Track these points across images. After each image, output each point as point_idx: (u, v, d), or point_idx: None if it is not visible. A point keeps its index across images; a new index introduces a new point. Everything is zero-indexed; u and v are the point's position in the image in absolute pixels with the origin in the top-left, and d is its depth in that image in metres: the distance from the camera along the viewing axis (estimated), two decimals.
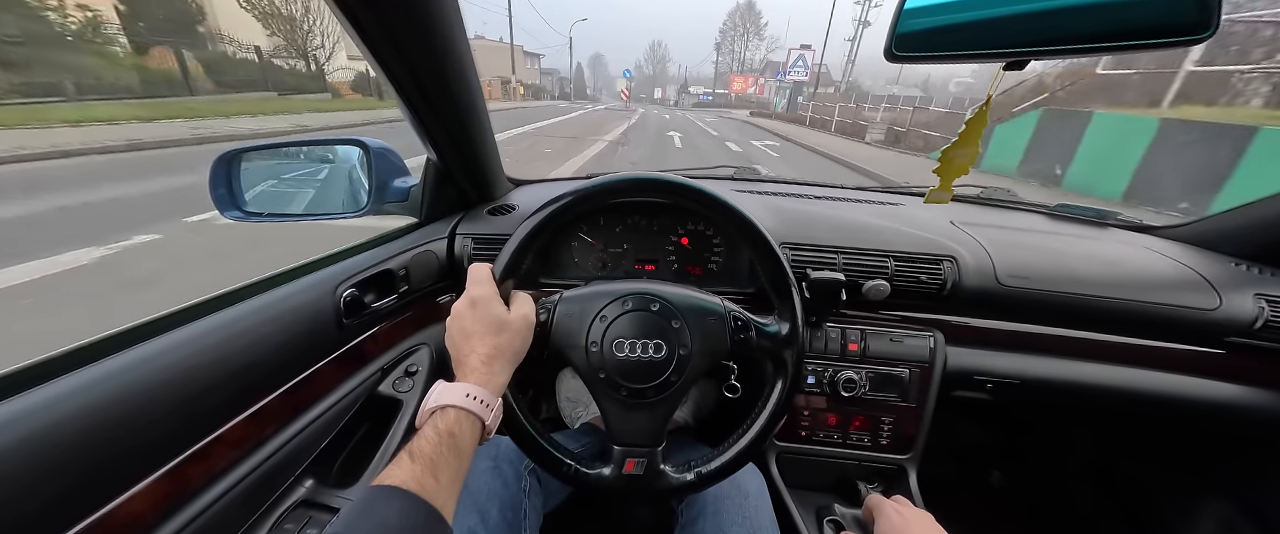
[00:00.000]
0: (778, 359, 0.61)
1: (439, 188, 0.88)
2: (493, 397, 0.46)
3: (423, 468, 0.38)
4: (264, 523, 0.57)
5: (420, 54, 0.57)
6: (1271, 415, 0.85)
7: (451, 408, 0.43)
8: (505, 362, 0.50)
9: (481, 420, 0.45)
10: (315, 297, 0.63)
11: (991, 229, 0.95)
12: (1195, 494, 1.05)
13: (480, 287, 0.52)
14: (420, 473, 0.38)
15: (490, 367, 0.48)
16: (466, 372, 0.48)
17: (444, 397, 0.44)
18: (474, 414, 0.44)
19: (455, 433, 0.42)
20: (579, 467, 0.57)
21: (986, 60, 0.53)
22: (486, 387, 0.46)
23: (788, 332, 0.60)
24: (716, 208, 0.59)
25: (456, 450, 0.41)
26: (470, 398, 0.44)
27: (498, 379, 0.48)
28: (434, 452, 0.40)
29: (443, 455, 0.40)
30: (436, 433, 0.41)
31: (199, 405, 0.48)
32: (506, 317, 0.51)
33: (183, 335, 0.49)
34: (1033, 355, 0.89)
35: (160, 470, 0.44)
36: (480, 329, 0.50)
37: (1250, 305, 0.79)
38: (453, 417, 0.43)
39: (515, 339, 0.51)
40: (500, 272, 0.55)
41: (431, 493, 0.37)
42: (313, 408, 0.63)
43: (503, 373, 0.49)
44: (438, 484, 0.38)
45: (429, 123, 0.70)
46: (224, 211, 0.72)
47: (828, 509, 0.84)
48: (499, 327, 0.50)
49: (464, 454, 0.42)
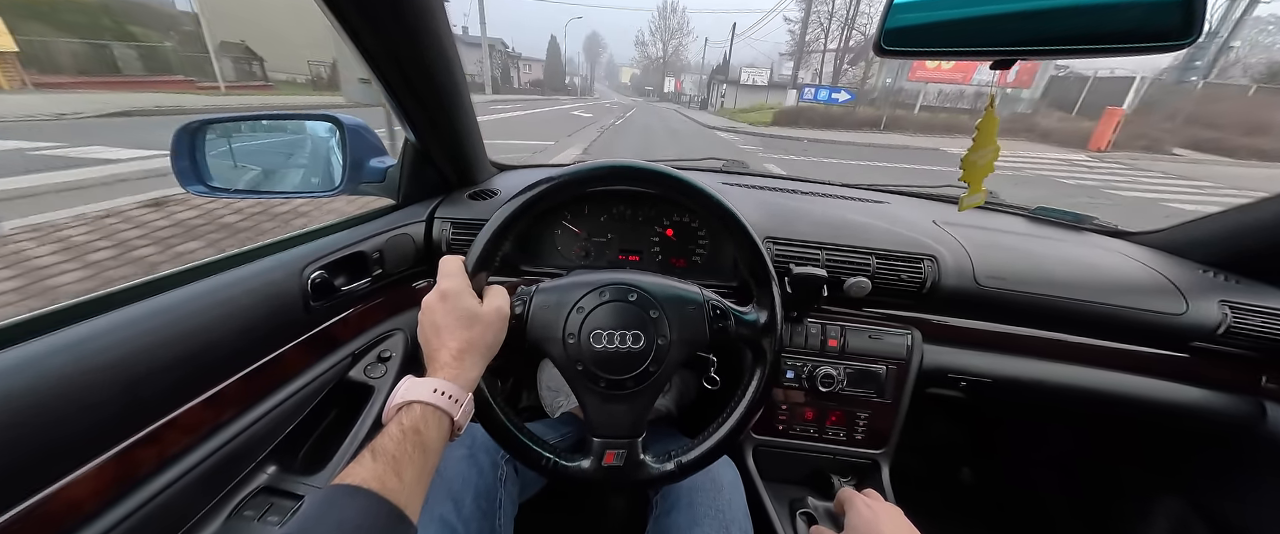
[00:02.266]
0: (756, 348, 0.61)
1: (418, 169, 0.85)
2: (462, 392, 0.45)
3: (385, 466, 0.37)
4: (221, 510, 0.55)
5: (396, 28, 0.54)
6: (1229, 418, 0.88)
7: (417, 403, 0.42)
8: (477, 356, 0.49)
9: (450, 416, 0.44)
10: (280, 277, 0.60)
11: (972, 230, 0.97)
12: (1155, 492, 1.09)
13: (451, 279, 0.51)
14: (382, 471, 0.37)
15: (461, 361, 0.47)
16: (437, 366, 0.46)
17: (411, 392, 0.43)
18: (441, 410, 0.43)
19: (421, 430, 0.41)
20: (558, 460, 0.56)
21: (974, 57, 0.53)
22: (456, 382, 0.45)
23: (766, 320, 0.60)
24: (694, 196, 0.58)
25: (422, 447, 0.40)
26: (438, 393, 0.43)
27: (469, 374, 0.47)
28: (397, 449, 0.39)
29: (407, 452, 0.39)
30: (401, 430, 0.40)
31: (149, 387, 0.46)
32: (479, 310, 0.50)
33: (131, 314, 0.47)
34: (1006, 355, 0.91)
35: (104, 455, 0.42)
36: (451, 323, 0.48)
37: (1215, 311, 0.82)
38: (418, 413, 0.42)
39: (488, 333, 0.50)
40: (472, 264, 0.53)
41: (393, 492, 0.36)
42: (277, 392, 0.61)
43: (474, 368, 0.48)
44: (401, 483, 0.37)
45: (406, 101, 0.67)
46: (186, 185, 0.68)
47: (801, 502, 0.85)
48: (470, 320, 0.49)
49: (430, 451, 0.41)
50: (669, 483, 0.59)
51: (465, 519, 0.60)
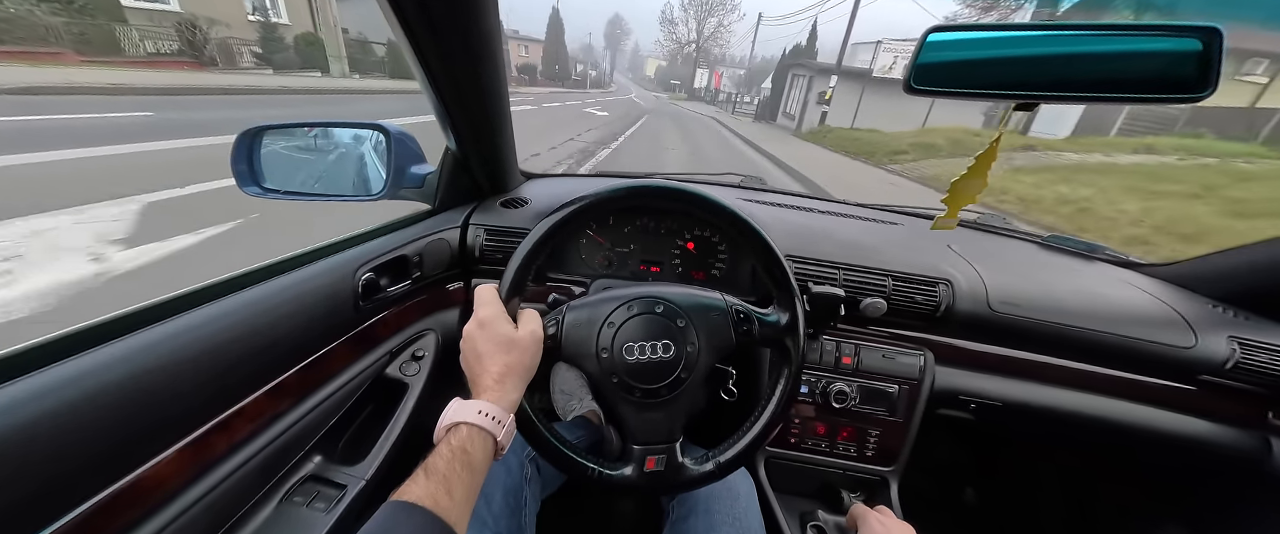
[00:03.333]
0: (782, 347, 0.63)
1: (455, 177, 0.89)
2: (505, 413, 0.48)
3: (437, 485, 0.40)
4: (276, 493, 0.59)
5: (459, 47, 0.58)
6: (1235, 452, 0.90)
7: (464, 424, 0.45)
8: (517, 379, 0.51)
9: (494, 436, 0.46)
10: (336, 278, 0.64)
11: (985, 255, 0.99)
12: (1158, 522, 1.10)
13: (488, 307, 0.53)
14: (435, 489, 0.39)
15: (502, 385, 0.49)
16: (480, 390, 0.49)
17: (458, 414, 0.46)
18: (486, 430, 0.45)
19: (468, 450, 0.43)
20: (603, 470, 0.58)
21: (1000, 99, 0.56)
22: (499, 404, 0.48)
23: (788, 320, 0.62)
24: (713, 210, 0.61)
25: (469, 467, 0.43)
26: (482, 414, 0.46)
27: (510, 396, 0.50)
28: (448, 468, 0.41)
29: (456, 472, 0.41)
30: (450, 450, 0.43)
31: (224, 379, 0.49)
32: (515, 335, 0.52)
33: (210, 312, 0.50)
34: (1016, 380, 0.93)
35: (186, 439, 0.46)
36: (491, 349, 0.51)
37: (1223, 346, 0.83)
38: (465, 433, 0.44)
39: (525, 356, 0.52)
40: (505, 291, 0.56)
41: (446, 509, 0.38)
42: (325, 386, 0.64)
43: (515, 390, 0.50)
44: (452, 501, 0.39)
45: (455, 113, 0.71)
46: (243, 187, 0.72)
47: (811, 515, 0.87)
48: (508, 345, 0.51)
49: (477, 471, 0.44)
50: (710, 482, 0.61)
51: (495, 514, 0.63)
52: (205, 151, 4.35)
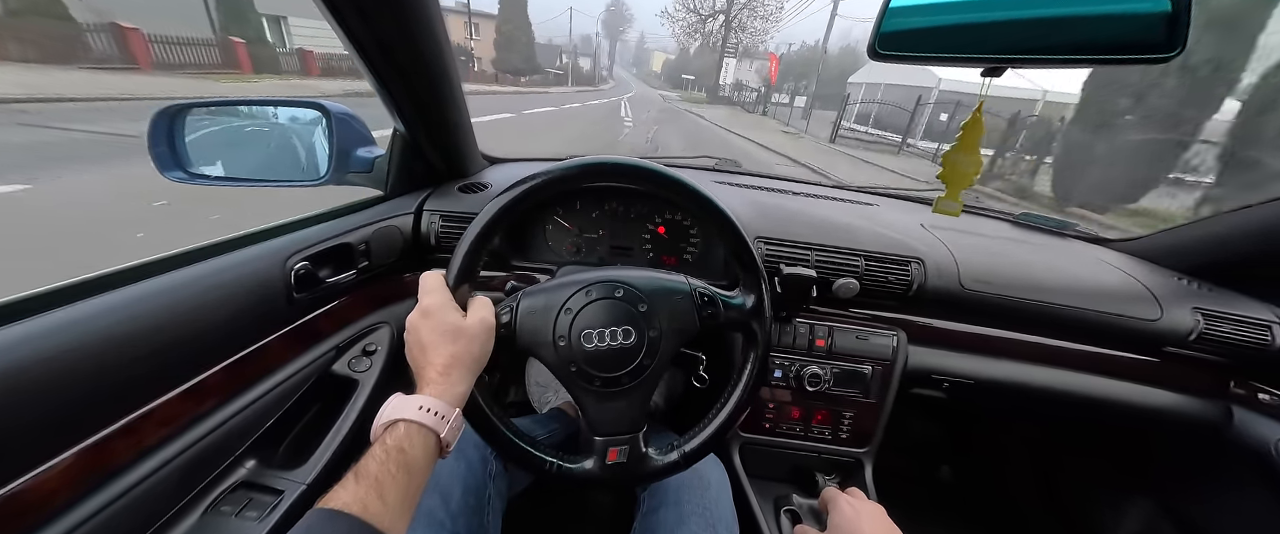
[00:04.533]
0: (748, 330, 0.61)
1: (407, 161, 0.84)
2: (449, 408, 0.45)
3: (367, 489, 0.36)
4: (200, 503, 0.54)
5: (386, 15, 0.53)
6: (1198, 421, 0.91)
7: (402, 421, 0.41)
8: (464, 370, 0.48)
9: (436, 433, 0.43)
10: (262, 267, 0.59)
11: (958, 234, 0.98)
12: (1126, 492, 1.12)
13: (432, 296, 0.50)
14: (365, 494, 0.36)
15: (448, 376, 0.46)
16: (424, 383, 0.46)
17: (396, 411, 0.42)
18: (426, 427, 0.42)
19: (405, 448, 0.40)
20: (561, 463, 0.55)
21: (966, 64, 0.54)
22: (443, 398, 0.44)
23: (753, 303, 0.60)
24: (676, 189, 0.58)
25: (406, 468, 0.39)
26: (424, 410, 0.42)
27: (456, 389, 0.46)
28: (381, 470, 0.38)
29: (390, 473, 0.38)
30: (384, 450, 0.39)
31: (126, 377, 0.45)
32: (462, 323, 0.49)
33: (108, 302, 0.45)
34: (988, 358, 0.93)
35: (78, 446, 0.41)
36: (435, 339, 0.47)
37: (1188, 318, 0.84)
38: (403, 431, 0.41)
39: (473, 345, 0.49)
40: (453, 277, 0.52)
41: (376, 515, 0.35)
42: (258, 385, 0.59)
43: (461, 382, 0.47)
44: (384, 506, 0.36)
45: (395, 90, 0.66)
46: (164, 171, 0.66)
47: (786, 499, 0.86)
48: (454, 334, 0.48)
49: (415, 471, 0.40)
50: (675, 473, 0.58)
51: (453, 514, 0.59)
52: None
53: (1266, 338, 0.83)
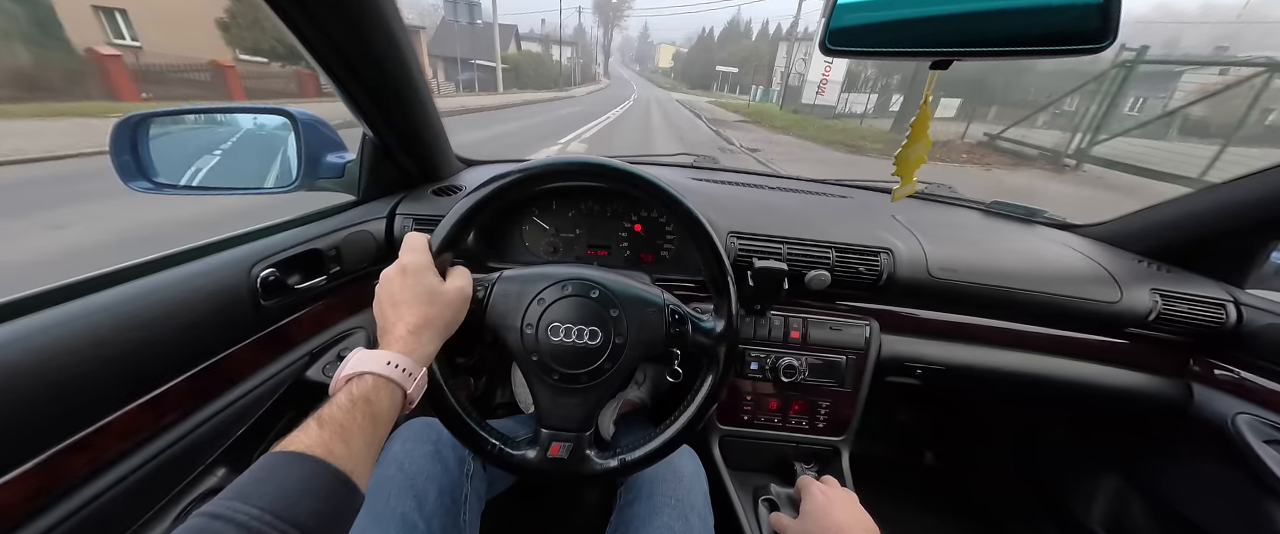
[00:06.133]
0: (711, 354, 0.62)
1: (378, 165, 0.84)
2: (416, 366, 0.45)
3: (331, 434, 0.36)
4: (167, 513, 0.54)
5: (337, 13, 0.53)
6: (1161, 400, 0.94)
7: (369, 374, 0.42)
8: (434, 332, 0.48)
9: (402, 389, 0.43)
10: (226, 276, 0.59)
11: (929, 224, 1.00)
12: (1097, 470, 1.15)
13: (414, 255, 0.50)
14: (329, 438, 0.36)
15: (418, 336, 0.46)
16: (391, 340, 0.46)
17: (362, 364, 0.42)
18: (394, 381, 0.42)
19: (371, 400, 0.40)
20: (504, 447, 0.56)
21: (913, 58, 0.55)
22: (411, 355, 0.45)
23: (722, 329, 0.61)
24: (662, 199, 0.58)
25: (372, 417, 0.39)
26: (391, 365, 0.43)
27: (424, 349, 0.47)
28: (345, 417, 0.38)
29: (356, 421, 0.38)
30: (350, 399, 0.39)
31: (78, 392, 0.44)
32: (440, 287, 0.50)
33: (59, 314, 0.45)
34: (959, 344, 0.95)
35: (29, 463, 0.41)
36: (409, 298, 0.48)
37: (1146, 299, 0.87)
38: (370, 383, 0.41)
39: (447, 311, 0.49)
40: (438, 244, 0.53)
41: (340, 458, 0.35)
42: (226, 394, 0.59)
43: (431, 343, 0.48)
44: (348, 450, 0.36)
45: (354, 92, 0.66)
46: (128, 181, 0.66)
47: (764, 489, 0.87)
48: (430, 297, 0.48)
49: (381, 421, 0.40)
50: (612, 477, 0.59)
51: (428, 516, 0.59)
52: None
53: (1221, 316, 0.86)
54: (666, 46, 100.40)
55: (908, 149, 0.66)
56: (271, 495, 0.31)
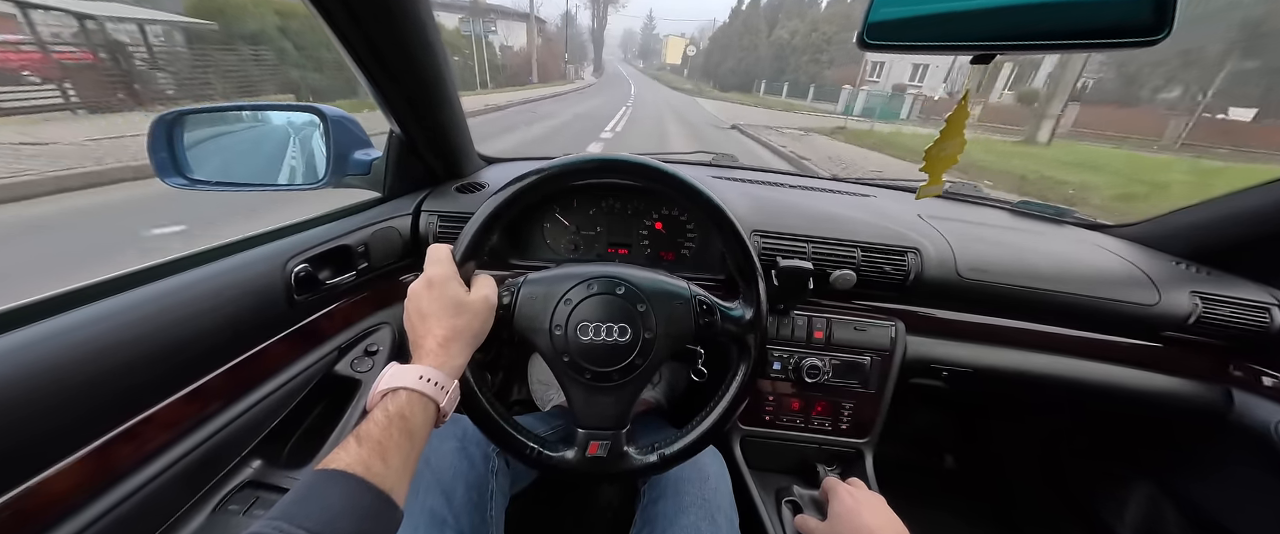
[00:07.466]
0: (741, 343, 0.61)
1: (403, 162, 0.84)
2: (448, 379, 0.45)
3: (370, 451, 0.37)
4: (206, 504, 0.55)
5: (375, 15, 0.53)
6: (1199, 405, 0.91)
7: (403, 390, 0.42)
8: (463, 344, 0.49)
9: (435, 403, 0.44)
10: (262, 271, 0.60)
11: (955, 223, 0.98)
12: (1129, 476, 1.12)
13: (439, 267, 0.51)
14: (367, 456, 0.37)
15: (447, 349, 0.47)
16: (422, 354, 0.46)
17: (396, 379, 0.43)
18: (427, 396, 0.43)
19: (407, 415, 0.41)
20: (542, 450, 0.56)
21: (954, 52, 0.54)
22: (442, 369, 0.45)
23: (751, 316, 0.60)
24: (686, 192, 0.58)
25: (408, 433, 0.40)
26: (423, 380, 0.43)
27: (454, 361, 0.47)
28: (383, 435, 0.39)
29: (392, 438, 0.39)
30: (386, 416, 0.40)
31: (127, 382, 0.45)
32: (466, 298, 0.50)
33: (109, 307, 0.46)
34: (987, 346, 0.93)
35: (83, 450, 0.42)
36: (437, 310, 0.48)
37: (1186, 302, 0.84)
38: (404, 399, 0.42)
39: (474, 321, 0.50)
40: (460, 253, 0.53)
41: (379, 476, 0.36)
42: (261, 387, 0.60)
43: (460, 355, 0.48)
44: (386, 468, 0.37)
45: (388, 92, 0.66)
46: (165, 178, 0.67)
47: (787, 490, 0.86)
48: (457, 308, 0.49)
49: (416, 437, 0.41)
50: (652, 474, 0.59)
51: (456, 511, 0.60)
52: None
53: (1265, 320, 0.83)
54: (675, 39, 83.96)
55: (940, 146, 0.65)
56: (316, 516, 0.32)
